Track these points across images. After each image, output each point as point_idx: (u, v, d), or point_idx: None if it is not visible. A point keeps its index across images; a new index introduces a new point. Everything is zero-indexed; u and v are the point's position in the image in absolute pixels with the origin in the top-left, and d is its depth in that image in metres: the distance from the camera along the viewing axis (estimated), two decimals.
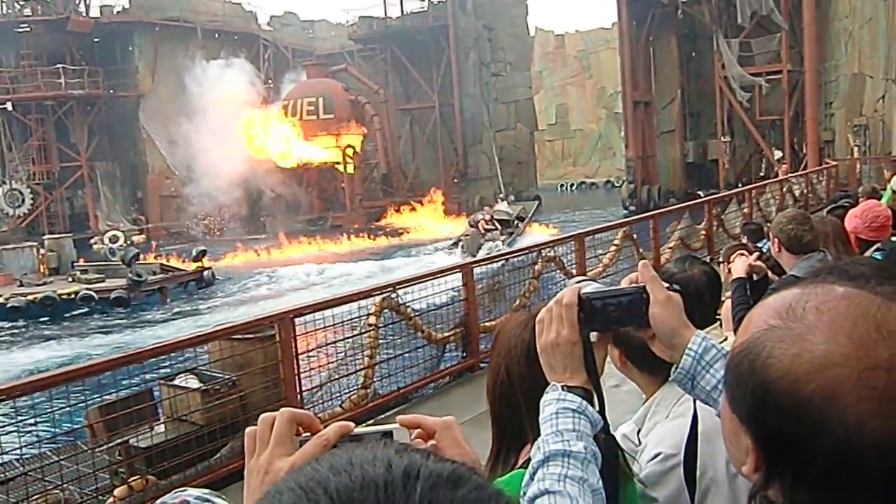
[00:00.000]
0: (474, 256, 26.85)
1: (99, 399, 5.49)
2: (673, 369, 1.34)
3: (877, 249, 4.27)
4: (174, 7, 39.56)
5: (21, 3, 39.41)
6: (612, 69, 53.21)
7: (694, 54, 38.89)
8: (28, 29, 38.15)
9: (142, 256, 25.69)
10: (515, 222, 34.21)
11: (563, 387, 1.32)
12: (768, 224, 9.69)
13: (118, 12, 39.62)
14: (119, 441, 5.37)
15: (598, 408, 1.33)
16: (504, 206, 36.19)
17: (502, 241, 30.15)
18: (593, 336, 1.36)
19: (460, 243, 30.74)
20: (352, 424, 0.93)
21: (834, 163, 26.00)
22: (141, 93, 39.18)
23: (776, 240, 3.81)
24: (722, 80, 35.30)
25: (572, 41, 69.24)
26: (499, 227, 32.37)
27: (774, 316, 0.85)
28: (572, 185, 64.02)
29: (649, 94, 39.01)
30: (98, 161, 38.62)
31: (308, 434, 0.93)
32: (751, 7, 34.06)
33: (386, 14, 43.12)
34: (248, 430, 0.96)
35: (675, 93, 39.02)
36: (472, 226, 32.31)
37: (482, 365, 7.52)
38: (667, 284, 1.36)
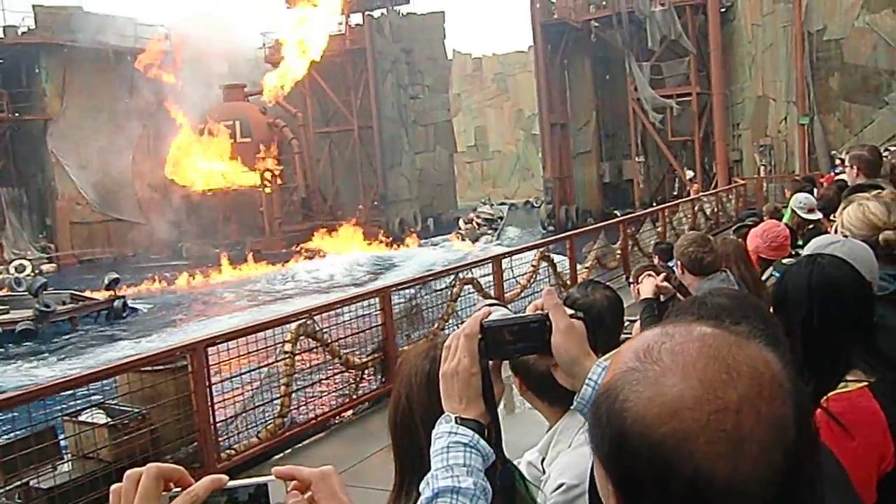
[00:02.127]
0: (475, 243, 37.47)
1: None
2: (575, 398, 1.34)
3: (774, 269, 4.42)
4: (83, 28, 38.49)
5: None
6: (528, 91, 54.03)
7: (608, 77, 39.88)
8: None
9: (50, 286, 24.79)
10: (497, 220, 42.90)
11: (456, 419, 1.31)
12: None
13: (23, 33, 38.34)
14: (18, 483, 5.12)
15: (494, 439, 1.32)
16: (487, 209, 44.63)
17: (491, 234, 40.23)
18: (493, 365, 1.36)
19: (462, 233, 39.40)
20: (224, 478, 0.89)
21: (742, 182, 26.96)
22: (49, 116, 37.95)
23: (679, 262, 3.91)
24: (635, 102, 36.30)
25: (489, 64, 70.10)
26: (485, 224, 41.30)
27: (634, 358, 0.85)
28: (492, 205, 64.57)
29: (565, 116, 39.80)
30: (3, 187, 37.17)
31: (178, 489, 0.88)
32: (660, 32, 35.23)
33: None
34: (113, 487, 0.90)
35: (591, 115, 39.92)
36: (466, 223, 40.65)
37: None
38: (570, 311, 1.36)
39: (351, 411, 7.53)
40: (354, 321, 7.66)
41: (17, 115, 37.37)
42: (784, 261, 4.40)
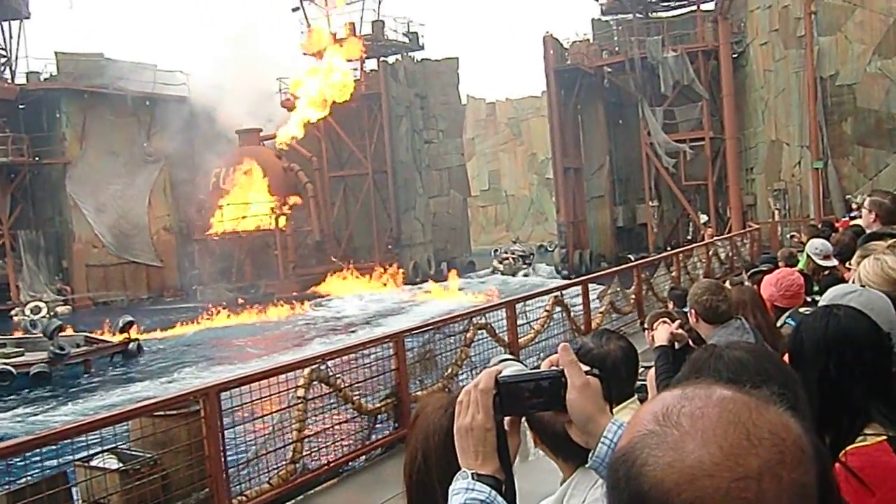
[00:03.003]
0: (514, 276, 41.52)
1: (6, 486, 5.20)
2: (590, 456, 1.33)
3: (788, 316, 4.39)
4: (103, 74, 39.21)
5: None
6: (542, 136, 54.42)
7: (621, 121, 40.09)
8: None
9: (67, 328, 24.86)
10: (530, 256, 47.54)
11: (473, 475, 1.30)
12: None
13: (45, 79, 39.05)
14: None
15: (509, 497, 1.31)
16: (518, 247, 49.06)
17: (526, 268, 44.88)
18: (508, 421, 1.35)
19: (500, 268, 44.16)
20: None
21: (756, 226, 26.87)
22: (68, 160, 38.46)
23: (692, 311, 3.88)
24: (648, 147, 36.45)
25: (503, 109, 70.73)
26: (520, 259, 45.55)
27: (652, 421, 0.84)
28: (505, 249, 64.59)
29: (579, 161, 39.93)
30: (21, 230, 37.54)
31: None
32: (673, 77, 35.48)
33: None
34: None
35: (604, 159, 40.04)
36: (502, 260, 45.37)
37: None
38: (586, 368, 1.35)
39: (364, 457, 7.46)
40: (368, 366, 7.64)
41: (37, 159, 37.90)
42: (800, 309, 4.37)
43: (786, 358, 2.09)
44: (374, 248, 42.28)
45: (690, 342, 3.87)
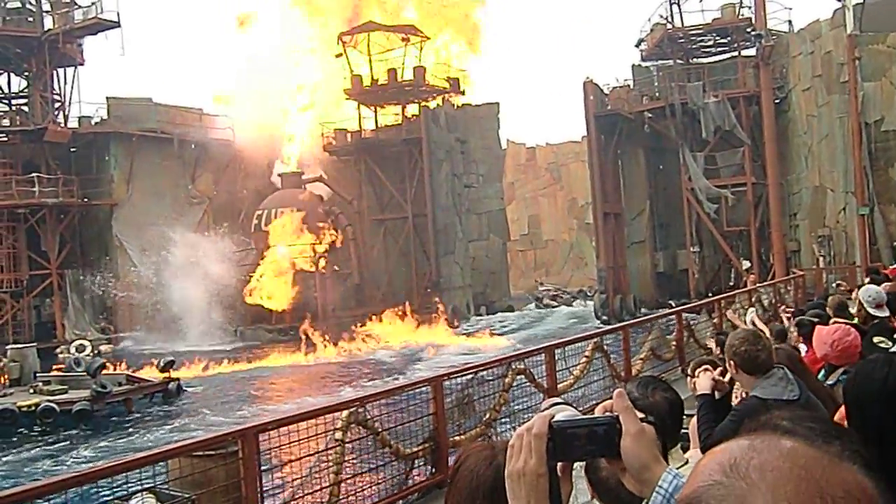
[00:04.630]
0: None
1: None
2: None
3: (843, 372, 4.27)
4: (151, 118, 40.22)
5: (0, 113, 39.94)
6: (582, 181, 54.39)
7: (661, 167, 39.93)
8: (5, 139, 38.49)
9: (110, 367, 25.18)
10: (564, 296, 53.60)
11: None
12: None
13: (96, 123, 40.14)
14: None
15: None
16: (550, 286, 55.49)
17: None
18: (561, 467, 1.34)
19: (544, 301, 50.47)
20: None
21: (801, 273, 26.44)
22: (115, 201, 39.30)
23: (732, 362, 3.78)
24: (689, 192, 36.20)
25: (543, 154, 70.91)
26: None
27: (719, 471, 0.81)
28: (545, 293, 64.25)
29: (619, 206, 39.78)
30: (68, 269, 38.32)
31: None
32: (714, 123, 35.33)
33: (361, 127, 44.06)
34: None
35: (644, 204, 39.83)
36: (538, 298, 51.91)
37: None
38: (641, 415, 1.34)
39: (401, 502, 7.39)
40: (406, 410, 7.60)
41: (86, 200, 38.82)
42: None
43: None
44: (413, 292, 42.32)
45: (733, 390, 3.80)
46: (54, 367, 24.64)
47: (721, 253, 37.14)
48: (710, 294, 30.22)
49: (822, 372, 4.60)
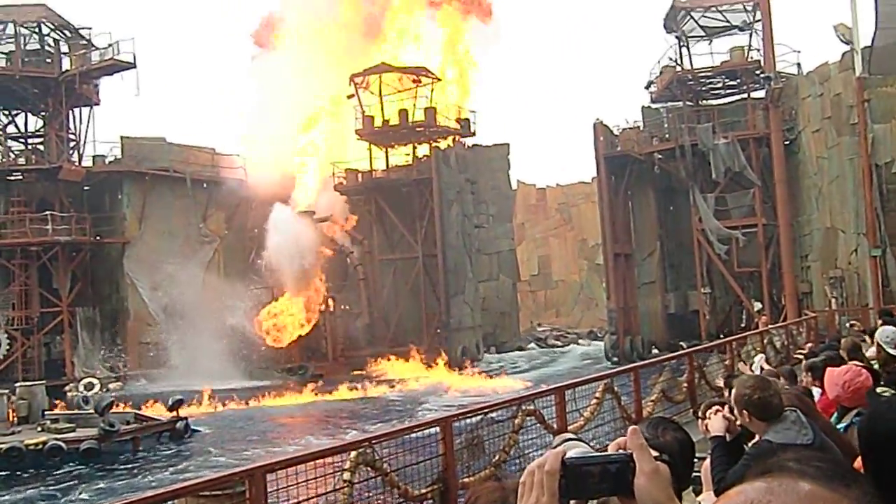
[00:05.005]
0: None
1: None
2: None
3: (857, 414, 4.21)
4: (164, 158, 40.60)
5: (16, 152, 40.37)
6: (592, 221, 54.46)
7: (671, 208, 39.96)
8: (20, 177, 38.87)
9: (118, 405, 25.12)
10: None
11: None
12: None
13: (110, 162, 40.53)
14: None
15: None
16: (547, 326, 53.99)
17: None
18: None
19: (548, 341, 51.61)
20: None
21: (813, 314, 26.25)
22: (127, 239, 39.51)
23: (744, 411, 3.69)
24: (699, 233, 36.16)
25: (553, 194, 71.14)
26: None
27: None
28: (556, 335, 63.99)
29: (629, 246, 39.75)
30: (79, 306, 38.43)
31: None
32: (724, 164, 35.41)
33: (372, 167, 44.33)
34: None
35: (655, 245, 39.79)
36: (538, 339, 52.18)
37: None
38: (655, 454, 1.32)
39: None
40: (414, 450, 7.53)
41: (98, 238, 39.04)
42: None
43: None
44: (422, 332, 42.21)
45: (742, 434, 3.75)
46: (62, 404, 24.63)
47: (732, 294, 36.97)
48: (721, 335, 30.04)
49: (836, 415, 4.54)
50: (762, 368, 11.21)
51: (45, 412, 23.76)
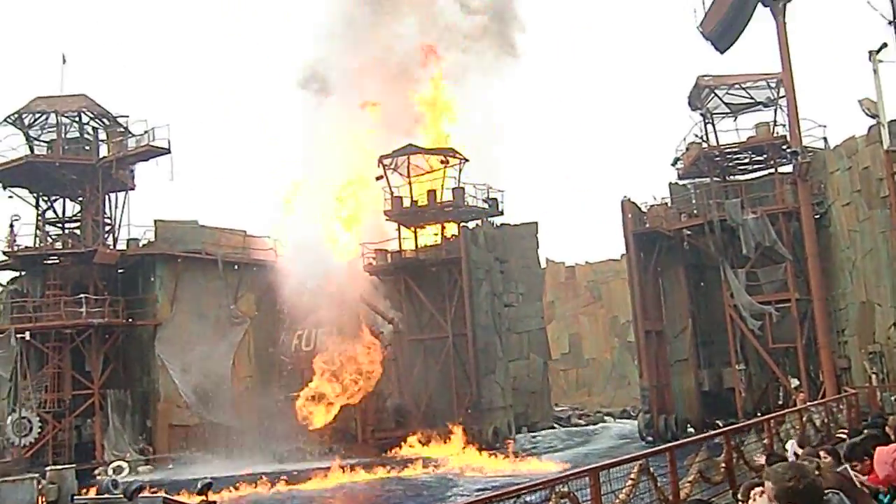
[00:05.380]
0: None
1: None
2: None
3: None
4: (196, 240, 41.24)
5: (53, 236, 41.23)
6: (622, 299, 54.09)
7: (702, 284, 39.62)
8: (57, 261, 39.60)
9: (148, 489, 24.87)
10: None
11: None
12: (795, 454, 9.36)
13: (143, 245, 41.23)
14: None
15: None
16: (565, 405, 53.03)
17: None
18: None
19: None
20: None
21: (853, 391, 25.63)
22: (159, 321, 39.85)
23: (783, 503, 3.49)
24: (732, 309, 35.71)
25: (583, 272, 70.95)
26: None
27: None
28: (588, 414, 62.97)
29: (661, 323, 39.32)
30: (110, 389, 38.57)
31: None
32: (754, 239, 35.17)
33: (401, 247, 44.60)
34: None
35: (687, 321, 39.31)
36: (557, 419, 50.61)
37: None
38: None
39: None
40: None
41: (130, 320, 39.45)
42: None
43: None
44: (453, 412, 41.69)
45: None
46: (91, 488, 24.45)
47: (768, 371, 36.25)
48: (758, 413, 29.39)
49: (888, 496, 4.37)
50: (796, 454, 10.89)
51: (75, 496, 23.57)
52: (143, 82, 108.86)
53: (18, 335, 36.88)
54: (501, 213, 46.57)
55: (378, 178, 43.94)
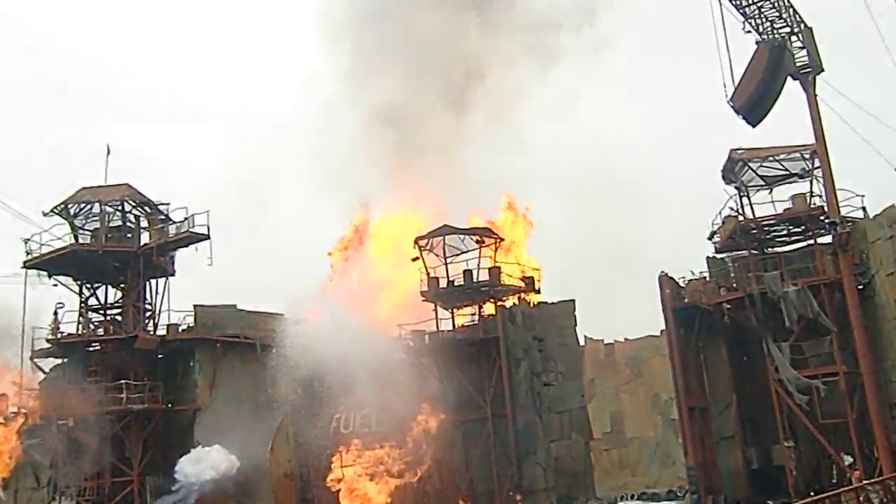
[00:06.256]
0: None
1: None
2: None
3: None
4: (235, 324, 41.48)
5: (95, 323, 41.79)
6: (664, 375, 53.12)
7: (745, 358, 38.83)
8: (98, 347, 40.03)
9: None
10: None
11: None
12: None
13: (183, 330, 41.57)
14: None
15: None
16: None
17: None
18: None
19: None
20: None
21: None
22: (198, 406, 39.84)
23: None
24: (777, 384, 34.91)
25: (622, 349, 70.06)
26: None
27: None
28: (632, 495, 61.25)
29: (704, 399, 38.51)
30: (149, 475, 38.39)
31: None
32: (797, 311, 34.54)
33: (438, 327, 44.52)
34: None
35: (731, 397, 38.45)
36: None
37: None
38: None
39: None
40: None
41: (170, 405, 39.52)
42: None
43: None
44: (494, 495, 40.80)
45: None
46: None
47: (818, 447, 35.11)
48: (811, 493, 28.37)
49: None
50: None
51: None
52: (186, 170, 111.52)
53: (60, 422, 37.14)
54: (538, 292, 46.43)
55: (414, 260, 44.22)
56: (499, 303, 44.17)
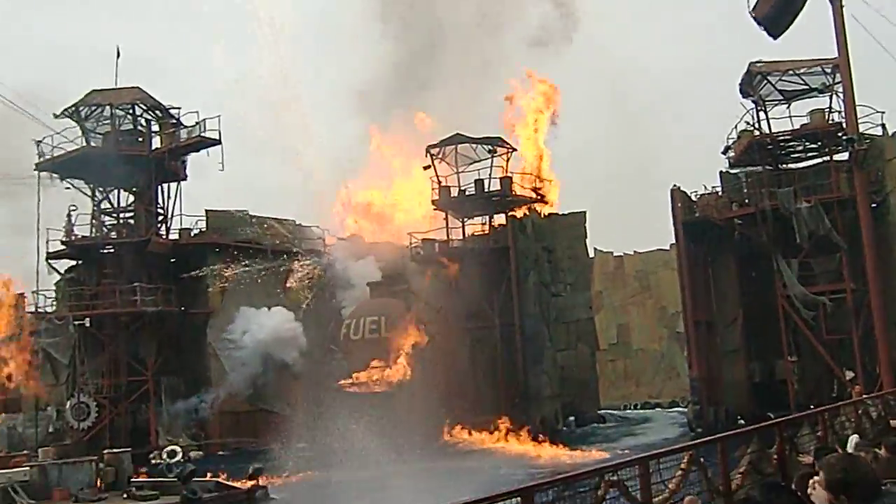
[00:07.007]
0: None
1: None
2: None
3: None
4: (247, 229, 41.83)
5: (108, 227, 42.14)
6: (671, 289, 53.49)
7: (753, 274, 38.88)
8: (112, 250, 40.48)
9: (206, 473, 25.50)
10: None
11: None
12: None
13: (195, 234, 41.92)
14: None
15: None
16: None
17: None
18: None
19: None
20: None
21: None
22: (211, 310, 40.52)
23: (841, 497, 3.42)
24: (784, 300, 35.07)
25: (631, 262, 70.31)
26: None
27: None
28: (636, 405, 62.55)
29: (711, 314, 38.80)
30: (164, 376, 39.39)
31: None
32: (808, 228, 34.38)
33: (448, 236, 44.66)
34: None
35: (737, 312, 38.70)
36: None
37: None
38: None
39: None
40: None
41: (183, 308, 40.18)
42: None
43: None
44: (500, 402, 41.68)
45: None
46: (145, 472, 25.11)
47: (821, 362, 35.54)
48: (811, 406, 28.87)
49: None
50: (857, 446, 10.68)
51: (131, 479, 24.24)
52: (196, 70, 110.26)
53: (76, 322, 37.90)
54: (549, 203, 46.31)
55: (426, 168, 44.03)
56: (509, 213, 44.15)
